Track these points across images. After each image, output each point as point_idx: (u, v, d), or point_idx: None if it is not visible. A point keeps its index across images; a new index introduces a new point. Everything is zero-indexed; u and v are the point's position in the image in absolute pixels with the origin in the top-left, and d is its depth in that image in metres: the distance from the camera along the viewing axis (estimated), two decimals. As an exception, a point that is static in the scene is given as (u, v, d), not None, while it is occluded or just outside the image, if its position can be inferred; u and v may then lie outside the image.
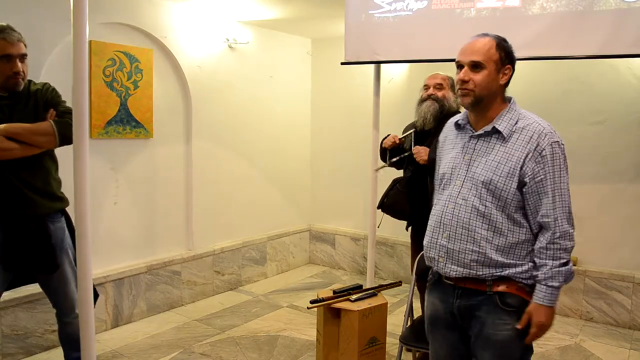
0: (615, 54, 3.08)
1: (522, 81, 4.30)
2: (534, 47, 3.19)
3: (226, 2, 4.18)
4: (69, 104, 2.53)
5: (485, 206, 1.83)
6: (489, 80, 1.85)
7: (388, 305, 3.19)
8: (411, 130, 3.36)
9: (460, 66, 1.89)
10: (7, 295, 3.25)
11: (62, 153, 2.68)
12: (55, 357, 3.33)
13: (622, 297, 4.08)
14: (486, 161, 1.85)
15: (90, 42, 3.65)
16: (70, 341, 2.72)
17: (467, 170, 1.88)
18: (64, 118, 2.56)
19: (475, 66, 1.85)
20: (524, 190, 1.81)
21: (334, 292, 3.16)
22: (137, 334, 3.87)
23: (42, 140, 2.54)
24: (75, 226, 2.21)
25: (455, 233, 1.87)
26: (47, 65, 3.45)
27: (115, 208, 4.00)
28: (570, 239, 1.82)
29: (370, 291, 3.21)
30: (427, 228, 2.00)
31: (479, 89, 1.85)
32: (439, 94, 3.23)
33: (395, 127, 3.80)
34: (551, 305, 1.80)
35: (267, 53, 5.23)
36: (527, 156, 1.79)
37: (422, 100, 3.31)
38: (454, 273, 1.88)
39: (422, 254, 2.93)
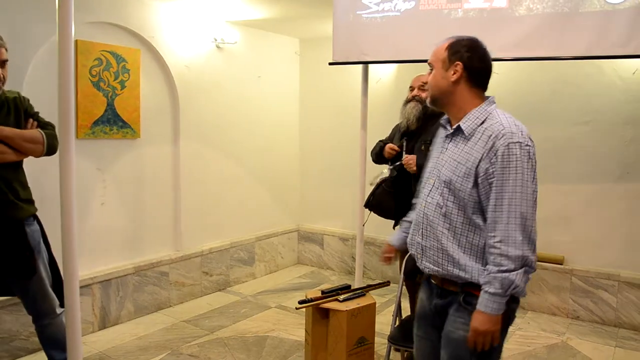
0: (601, 55, 3.11)
1: (511, 82, 4.33)
2: (522, 48, 3.22)
3: (214, 2, 4.17)
4: (54, 104, 2.51)
5: (447, 206, 1.84)
6: (436, 79, 1.90)
7: (376, 305, 3.20)
8: (402, 140, 3.38)
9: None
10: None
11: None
12: (41, 360, 3.31)
13: (607, 295, 4.12)
14: (450, 161, 1.87)
15: (76, 41, 3.62)
16: (54, 342, 2.70)
17: (438, 169, 1.91)
18: (48, 129, 2.58)
19: (430, 67, 1.95)
20: (479, 191, 1.78)
21: (323, 292, 3.16)
22: (124, 336, 3.84)
23: (31, 148, 2.55)
24: (61, 227, 2.19)
25: (426, 231, 1.90)
26: (32, 65, 3.41)
27: (102, 209, 3.97)
28: (516, 247, 1.69)
29: (358, 291, 3.22)
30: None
31: (430, 89, 1.93)
32: (423, 94, 3.24)
33: (383, 127, 3.81)
34: (487, 312, 1.72)
35: (255, 53, 5.22)
36: (482, 156, 1.76)
37: (407, 101, 3.36)
38: (427, 270, 1.93)
39: (409, 255, 2.95)
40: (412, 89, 3.39)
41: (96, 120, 3.82)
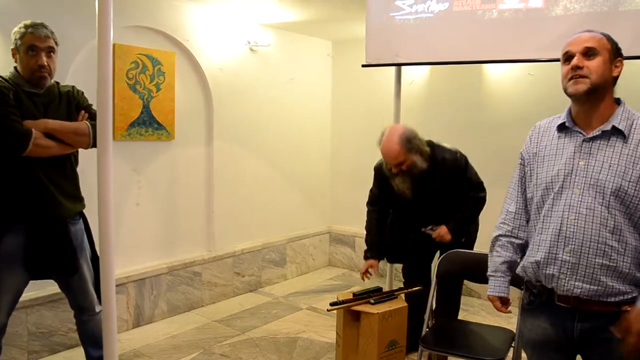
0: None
1: (548, 84, 4.24)
2: (559, 49, 3.15)
3: (247, 5, 4.21)
4: (93, 106, 2.57)
5: (615, 215, 1.69)
6: (604, 67, 1.73)
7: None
8: (428, 229, 3.31)
9: (569, 57, 1.78)
10: (33, 294, 3.32)
11: (85, 154, 2.71)
12: (78, 356, 3.36)
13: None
14: (610, 165, 1.70)
15: (114, 45, 3.68)
16: (92, 339, 2.75)
17: (586, 177, 1.73)
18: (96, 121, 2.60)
19: (589, 53, 1.74)
20: None
21: (354, 294, 3.15)
22: (157, 334, 3.90)
23: (78, 140, 2.57)
24: (98, 227, 2.23)
25: (582, 246, 1.71)
26: (72, 68, 3.51)
27: (137, 209, 4.04)
28: None
29: (390, 294, 3.20)
30: (539, 242, 1.82)
31: (595, 76, 1.72)
32: (404, 167, 3.11)
33: (416, 128, 3.77)
34: None
35: (288, 55, 5.25)
36: None
37: (394, 175, 3.20)
38: (579, 290, 1.72)
39: (443, 257, 2.93)
40: (389, 167, 3.21)
41: (132, 122, 3.90)
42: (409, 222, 3.38)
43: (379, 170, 3.38)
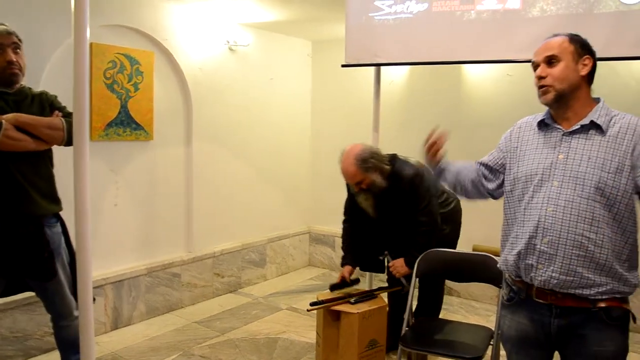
0: (616, 57, 3.08)
1: (525, 84, 4.29)
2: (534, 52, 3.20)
3: (227, 5, 4.19)
4: (69, 106, 2.53)
5: (594, 207, 1.71)
6: (567, 71, 1.78)
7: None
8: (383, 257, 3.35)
9: (536, 67, 1.85)
10: (6, 297, 3.24)
11: (62, 155, 2.68)
12: (55, 360, 3.33)
13: None
14: (589, 158, 1.74)
15: (91, 44, 3.64)
16: (69, 344, 2.69)
17: (566, 170, 1.76)
18: (70, 118, 2.55)
19: (551, 60, 1.80)
20: (634, 185, 1.71)
21: (331, 285, 3.20)
22: (136, 337, 3.86)
23: (52, 135, 2.51)
24: (75, 228, 2.19)
25: (559, 238, 1.74)
26: (48, 68, 3.45)
27: (115, 210, 4.00)
28: None
29: (370, 293, 3.21)
30: (519, 235, 1.86)
31: (558, 83, 1.78)
32: (364, 186, 3.11)
33: (395, 129, 3.81)
34: None
35: (268, 55, 5.24)
36: (634, 148, 1.70)
37: (357, 193, 3.22)
38: (555, 281, 1.76)
39: (423, 257, 2.94)
40: (349, 185, 3.26)
41: (110, 122, 3.85)
42: (377, 239, 3.37)
43: (347, 185, 3.38)
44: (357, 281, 3.36)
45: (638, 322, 1.88)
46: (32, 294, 2.75)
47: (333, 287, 3.34)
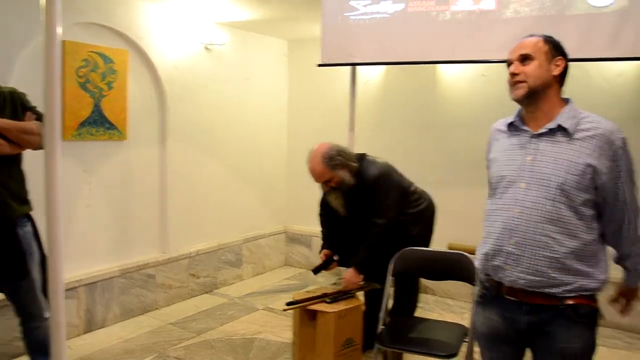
0: (587, 58, 3.14)
1: (499, 85, 4.35)
2: (509, 50, 3.24)
3: (202, 4, 4.16)
4: (40, 105, 2.49)
5: (559, 208, 1.75)
6: (540, 70, 1.82)
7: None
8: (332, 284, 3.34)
9: (509, 65, 1.89)
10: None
11: (33, 155, 2.62)
12: (25, 364, 3.27)
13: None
14: (555, 160, 1.77)
15: (63, 42, 3.59)
16: (38, 346, 2.66)
17: (533, 172, 1.80)
18: None
19: (525, 59, 1.84)
20: (597, 187, 1.75)
21: (315, 268, 3.31)
22: (110, 339, 3.81)
23: (27, 139, 2.50)
24: (47, 229, 2.16)
25: (526, 239, 1.78)
26: (18, 65, 3.38)
27: (88, 211, 3.93)
28: None
29: (346, 292, 3.22)
30: (488, 235, 1.91)
31: (531, 80, 1.81)
32: (332, 184, 3.15)
33: (371, 128, 3.83)
34: None
35: (244, 54, 5.21)
36: (599, 152, 1.74)
37: (327, 192, 3.26)
38: (523, 282, 1.79)
39: (398, 255, 2.96)
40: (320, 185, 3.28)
41: (83, 121, 3.79)
42: (350, 237, 3.36)
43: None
44: (339, 261, 3.34)
45: (608, 316, 1.92)
46: (1, 297, 2.70)
47: (316, 270, 3.38)
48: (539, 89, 1.82)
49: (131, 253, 4.28)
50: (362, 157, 3.24)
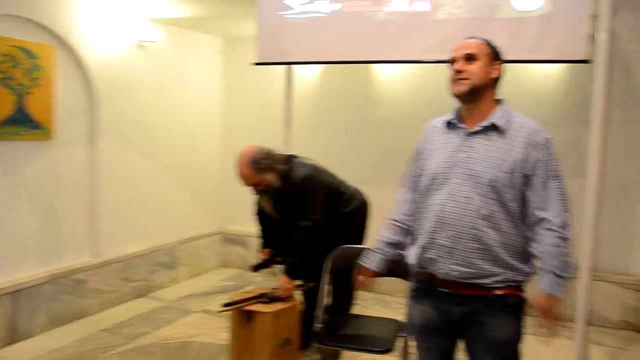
0: (514, 59, 3.27)
1: (431, 85, 4.46)
2: (442, 51, 3.31)
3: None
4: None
5: (490, 204, 1.83)
6: (483, 70, 1.90)
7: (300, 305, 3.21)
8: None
9: (453, 62, 1.95)
10: None
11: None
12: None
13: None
14: (487, 157, 1.86)
15: (-19, 35, 3.40)
16: None
17: (466, 168, 1.87)
18: None
19: (469, 58, 1.91)
20: (525, 184, 1.85)
21: (255, 266, 3.37)
22: (37, 350, 3.62)
23: None
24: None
25: (458, 232, 1.85)
26: None
27: (10, 215, 3.73)
28: (568, 230, 1.87)
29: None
30: (422, 228, 1.96)
31: (475, 78, 1.89)
32: (262, 188, 3.14)
33: (307, 128, 3.83)
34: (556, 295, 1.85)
35: (178, 52, 5.11)
36: (527, 150, 1.84)
37: (257, 195, 3.28)
38: (456, 273, 1.87)
39: (333, 253, 2.97)
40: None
41: (4, 120, 3.60)
42: (285, 238, 3.32)
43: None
44: (279, 261, 3.33)
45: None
46: None
47: (257, 267, 3.38)
48: (480, 88, 1.91)
49: (60, 258, 4.10)
50: (290, 159, 3.23)
